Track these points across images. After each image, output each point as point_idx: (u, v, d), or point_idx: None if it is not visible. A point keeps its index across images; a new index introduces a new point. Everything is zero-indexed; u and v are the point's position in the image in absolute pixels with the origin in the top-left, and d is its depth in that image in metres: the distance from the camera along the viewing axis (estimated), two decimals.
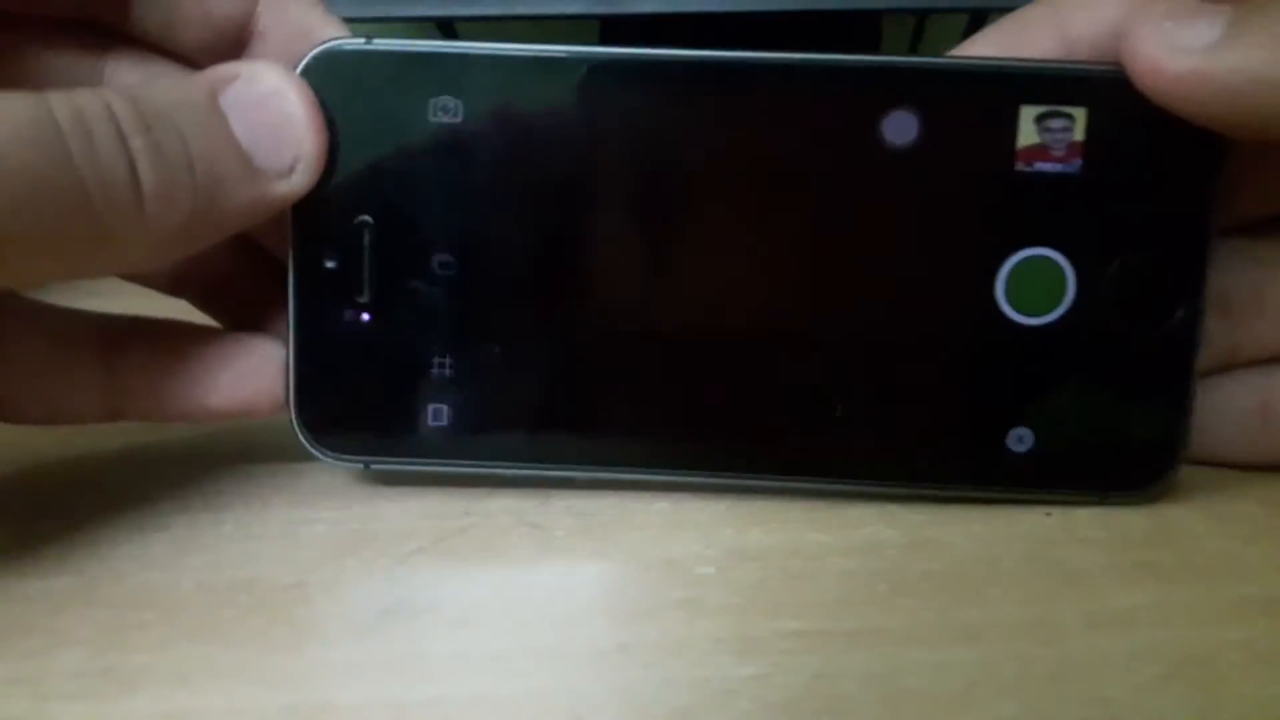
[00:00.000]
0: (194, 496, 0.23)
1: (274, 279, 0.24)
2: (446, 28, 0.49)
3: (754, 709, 0.16)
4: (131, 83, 0.23)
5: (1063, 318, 0.21)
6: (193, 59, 0.23)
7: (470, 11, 0.36)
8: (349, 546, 0.21)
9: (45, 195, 0.17)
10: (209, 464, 0.25)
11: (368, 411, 0.22)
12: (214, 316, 0.25)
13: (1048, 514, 0.22)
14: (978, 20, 0.47)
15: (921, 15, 0.53)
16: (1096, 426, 0.22)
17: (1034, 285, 0.21)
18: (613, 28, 0.46)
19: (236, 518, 0.22)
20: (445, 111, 0.21)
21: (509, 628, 0.18)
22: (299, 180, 0.21)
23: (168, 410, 0.23)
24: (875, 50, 0.46)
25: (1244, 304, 0.22)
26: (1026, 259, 0.21)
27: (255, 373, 0.23)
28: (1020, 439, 0.22)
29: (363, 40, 0.21)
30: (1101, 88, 0.20)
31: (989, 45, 0.22)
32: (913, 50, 0.55)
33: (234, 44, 0.22)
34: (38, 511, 0.23)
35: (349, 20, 0.34)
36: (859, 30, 0.46)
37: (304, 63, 0.21)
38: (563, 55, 0.21)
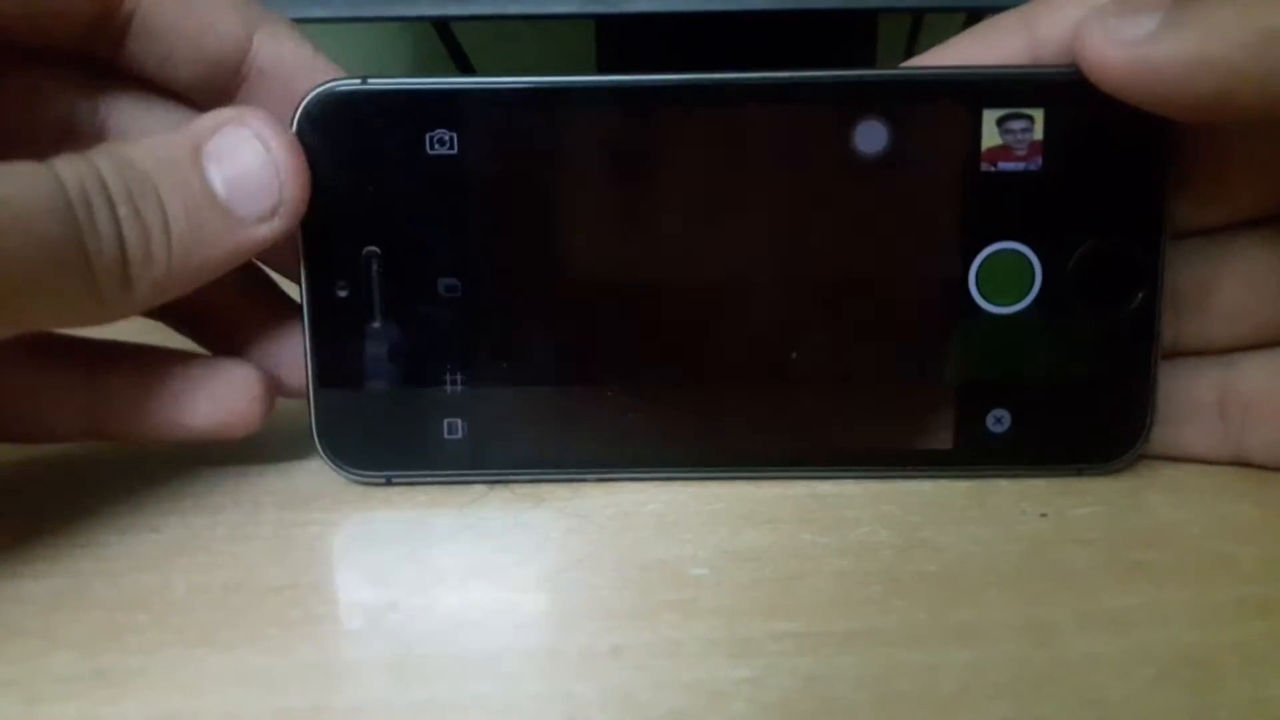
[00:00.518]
0: (186, 498, 0.23)
1: (249, 304, 0.25)
2: (442, 28, 0.49)
3: (748, 711, 0.16)
4: (125, 120, 0.23)
5: (1031, 305, 0.23)
6: (189, 95, 0.23)
7: (466, 11, 0.36)
8: (341, 548, 0.21)
9: (57, 262, 0.18)
10: (201, 466, 0.25)
11: (386, 430, 0.23)
12: (192, 339, 0.26)
13: (1043, 515, 0.22)
14: (974, 20, 0.47)
15: (918, 15, 0.53)
16: (1068, 405, 0.23)
17: (1004, 277, 0.23)
18: (608, 27, 0.46)
19: (229, 519, 0.22)
20: (441, 144, 0.22)
21: (502, 629, 0.18)
22: (279, 224, 0.21)
23: (147, 430, 0.23)
24: (872, 49, 0.46)
25: (1189, 299, 0.23)
26: (995, 253, 0.22)
27: (231, 395, 0.23)
28: (999, 420, 0.23)
29: (358, 81, 0.22)
30: (1057, 89, 0.22)
31: (963, 48, 0.23)
32: (909, 49, 0.55)
33: (230, 78, 0.23)
34: (30, 513, 0.23)
35: (345, 21, 0.34)
36: (855, 29, 0.46)
37: (302, 105, 0.22)
38: (549, 84, 0.22)
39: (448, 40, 0.49)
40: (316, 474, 0.24)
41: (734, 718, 0.16)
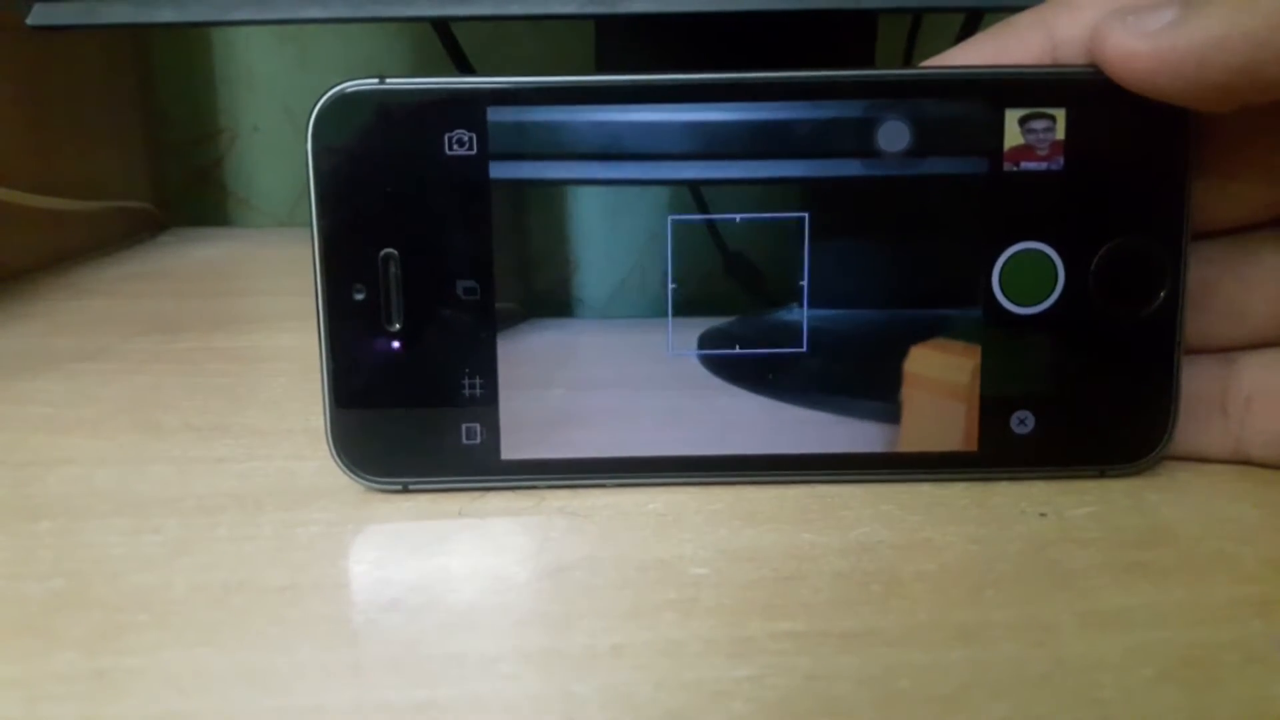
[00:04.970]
0: (187, 498, 0.23)
1: None
2: (442, 28, 0.49)
3: (748, 710, 0.16)
4: None
5: (1054, 306, 0.23)
6: None
7: (466, 11, 0.36)
8: (342, 548, 0.21)
9: None
10: (202, 466, 0.25)
11: (403, 435, 0.23)
12: None
13: (1043, 514, 0.22)
14: (973, 19, 0.47)
15: (918, 15, 0.53)
16: (1092, 405, 0.23)
17: (1027, 277, 0.23)
18: (608, 27, 0.46)
19: (230, 519, 0.22)
20: (460, 144, 0.22)
21: (502, 629, 0.18)
22: None
23: None
24: (871, 50, 0.46)
25: (1192, 298, 0.23)
26: (1018, 253, 0.22)
27: None
28: (1022, 421, 0.23)
29: (376, 80, 0.22)
30: (1079, 89, 0.22)
31: (981, 49, 0.23)
32: (909, 49, 0.55)
33: None
34: (31, 513, 0.23)
35: (345, 21, 0.34)
36: (855, 29, 0.46)
37: (319, 105, 0.22)
38: (570, 84, 0.22)
39: (448, 40, 0.49)
40: (317, 474, 0.24)
41: (734, 717, 0.16)
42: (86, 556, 0.21)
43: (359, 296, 0.22)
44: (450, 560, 0.21)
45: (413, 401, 0.23)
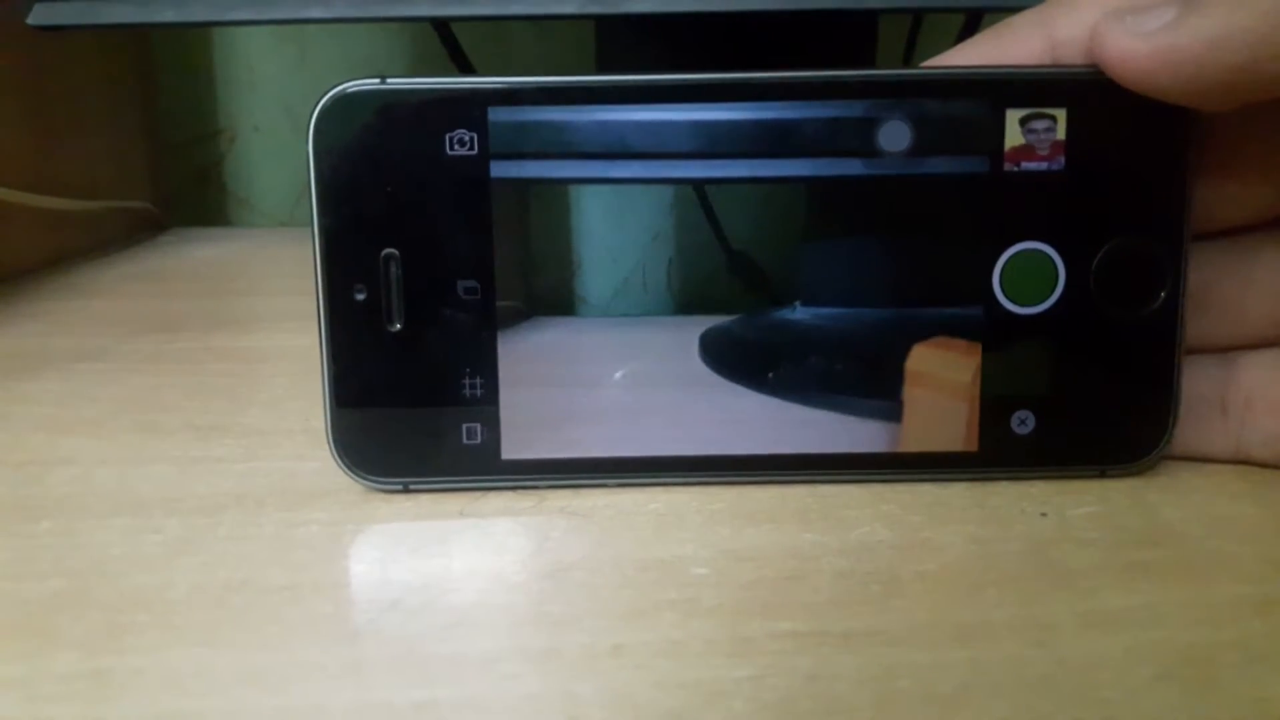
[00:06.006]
0: (188, 498, 0.23)
1: None
2: (442, 28, 0.49)
3: (748, 710, 0.16)
4: None
5: (1055, 306, 0.23)
6: None
7: (466, 11, 0.36)
8: (342, 548, 0.21)
9: None
10: (202, 466, 0.25)
11: (403, 434, 0.23)
12: None
13: (1043, 514, 0.22)
14: (973, 19, 0.47)
15: (918, 15, 0.53)
16: (1092, 405, 0.23)
17: (1027, 277, 0.23)
18: (608, 27, 0.46)
19: (230, 519, 0.22)
20: (461, 144, 0.22)
21: (502, 629, 0.18)
22: None
23: None
24: (872, 50, 0.46)
25: (1192, 298, 0.23)
26: (1019, 253, 0.22)
27: None
28: (1023, 421, 0.23)
29: (377, 80, 0.22)
30: (1080, 89, 0.22)
31: (980, 49, 0.23)
32: (909, 49, 0.55)
33: None
34: (31, 513, 0.23)
35: (345, 21, 0.34)
36: (855, 29, 0.46)
37: (320, 105, 0.22)
38: (571, 84, 0.22)
39: (448, 40, 0.49)
40: (317, 474, 0.24)
41: (734, 717, 0.16)
42: (86, 556, 0.21)
43: (360, 296, 0.22)
44: (450, 560, 0.21)
45: (413, 401, 0.23)
